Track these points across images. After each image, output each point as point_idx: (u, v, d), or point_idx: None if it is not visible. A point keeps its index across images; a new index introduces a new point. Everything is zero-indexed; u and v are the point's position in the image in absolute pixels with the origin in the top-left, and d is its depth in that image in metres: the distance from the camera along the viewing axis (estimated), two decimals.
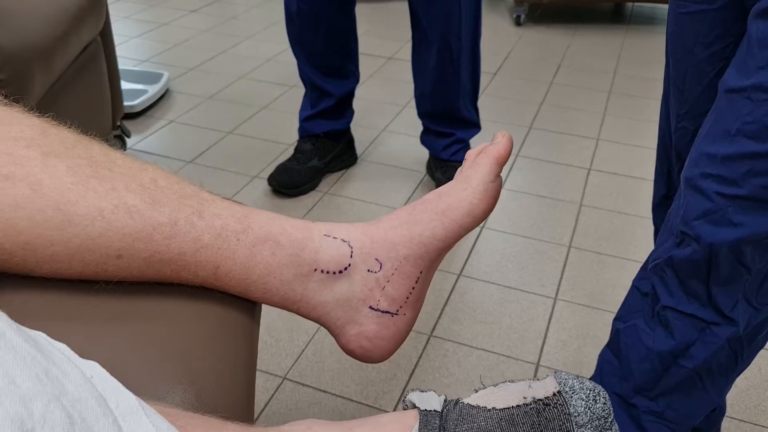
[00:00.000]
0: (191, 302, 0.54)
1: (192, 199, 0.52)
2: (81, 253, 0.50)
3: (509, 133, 0.59)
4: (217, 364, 0.52)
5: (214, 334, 0.53)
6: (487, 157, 0.57)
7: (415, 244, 0.55)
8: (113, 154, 0.52)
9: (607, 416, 0.44)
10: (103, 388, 0.35)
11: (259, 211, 0.55)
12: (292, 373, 1.17)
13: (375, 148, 1.90)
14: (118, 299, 0.52)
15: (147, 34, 2.66)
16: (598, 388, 0.45)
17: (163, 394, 0.48)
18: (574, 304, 1.35)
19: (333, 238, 0.54)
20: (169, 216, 0.50)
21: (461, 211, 0.56)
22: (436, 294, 1.36)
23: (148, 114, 2.03)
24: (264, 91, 2.21)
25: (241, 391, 0.53)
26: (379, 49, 2.55)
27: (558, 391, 0.45)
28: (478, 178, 0.57)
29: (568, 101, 2.23)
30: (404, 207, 0.57)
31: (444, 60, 1.54)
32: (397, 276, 0.56)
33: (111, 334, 0.50)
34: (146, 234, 0.50)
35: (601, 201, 1.70)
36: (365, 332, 0.58)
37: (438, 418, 0.45)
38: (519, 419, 0.44)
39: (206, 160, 1.81)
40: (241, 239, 0.52)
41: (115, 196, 0.49)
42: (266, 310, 1.29)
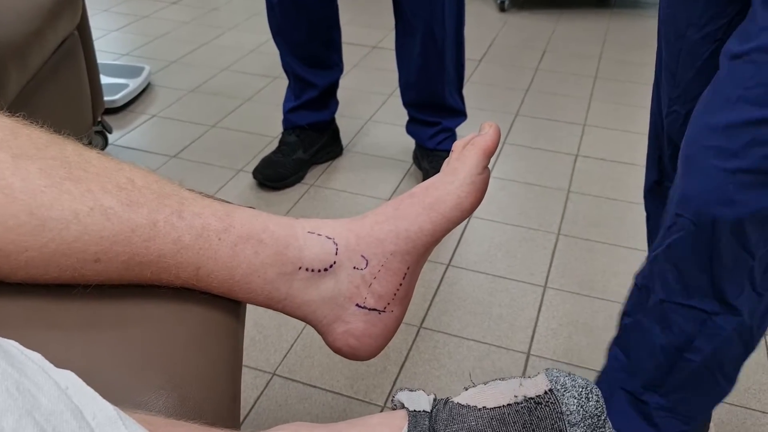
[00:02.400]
0: (173, 304, 0.53)
1: (171, 199, 0.50)
2: (57, 258, 0.48)
3: (496, 124, 0.57)
4: (201, 368, 0.51)
5: (197, 337, 0.52)
6: (474, 148, 0.56)
7: (402, 239, 0.54)
8: (88, 153, 0.51)
9: (600, 414, 0.43)
10: (79, 400, 0.34)
11: (242, 209, 0.53)
12: (281, 368, 1.16)
13: (360, 139, 1.88)
14: (96, 304, 0.51)
15: (127, 27, 2.62)
16: (590, 386, 0.44)
17: (144, 400, 0.46)
18: (564, 291, 1.35)
19: (317, 235, 0.53)
20: (147, 217, 0.49)
21: (449, 204, 0.55)
22: (425, 285, 1.35)
23: (130, 109, 2.00)
24: (247, 83, 2.18)
25: (226, 394, 0.52)
26: (362, 38, 2.53)
27: (550, 390, 0.44)
28: (465, 170, 0.55)
29: (554, 87, 2.22)
30: (390, 201, 0.56)
31: (428, 48, 1.52)
32: (384, 272, 0.55)
33: (90, 341, 0.49)
34: (124, 237, 0.49)
35: (589, 187, 1.69)
36: (352, 330, 0.57)
37: (427, 419, 0.44)
38: (510, 418, 0.43)
39: (190, 154, 1.78)
40: (223, 238, 0.51)
41: (91, 197, 0.48)
42: (253, 306, 1.27)
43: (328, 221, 0.55)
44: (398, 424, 0.44)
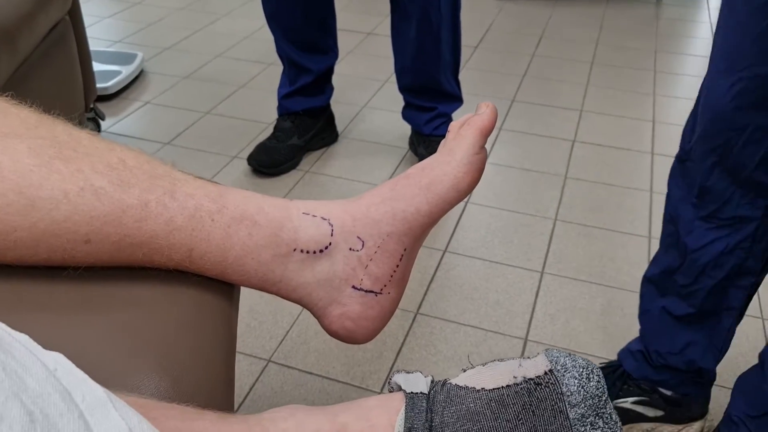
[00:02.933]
0: (165, 286, 0.52)
1: (163, 179, 0.49)
2: (46, 238, 0.47)
3: (493, 104, 0.56)
4: (194, 351, 0.50)
5: (189, 320, 0.51)
6: (471, 128, 0.55)
7: (399, 220, 0.53)
8: (78, 133, 0.49)
9: (601, 395, 0.42)
10: (67, 382, 0.33)
11: (235, 190, 0.52)
12: (277, 355, 1.15)
13: (356, 125, 1.87)
14: (87, 285, 0.50)
15: (120, 14, 2.59)
16: (591, 366, 0.43)
17: (136, 383, 0.45)
18: (561, 277, 1.34)
19: (312, 216, 0.52)
20: (138, 197, 0.48)
21: (446, 185, 0.53)
22: (422, 271, 1.35)
23: (123, 96, 1.98)
24: (242, 70, 2.16)
25: (219, 377, 0.51)
26: (358, 25, 2.51)
27: (549, 370, 0.43)
28: (462, 150, 0.54)
29: (551, 73, 2.20)
30: (386, 182, 0.55)
31: (424, 33, 1.51)
32: (380, 254, 0.54)
33: (80, 323, 0.48)
34: (115, 217, 0.47)
35: (586, 172, 1.68)
36: (348, 313, 0.56)
37: (425, 401, 0.44)
38: (509, 400, 0.42)
39: (184, 141, 1.77)
40: (216, 219, 0.49)
41: (81, 177, 0.46)
42: (248, 292, 1.27)
43: (323, 202, 0.54)
44: (395, 406, 0.44)
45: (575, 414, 0.42)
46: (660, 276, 0.96)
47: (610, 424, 0.43)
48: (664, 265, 0.95)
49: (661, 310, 0.95)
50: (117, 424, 0.33)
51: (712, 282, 0.88)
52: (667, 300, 0.95)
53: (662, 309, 0.95)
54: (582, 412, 0.42)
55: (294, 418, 0.43)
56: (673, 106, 2.03)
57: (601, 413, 0.42)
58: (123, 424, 0.33)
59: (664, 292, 0.95)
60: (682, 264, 0.91)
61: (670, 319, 0.95)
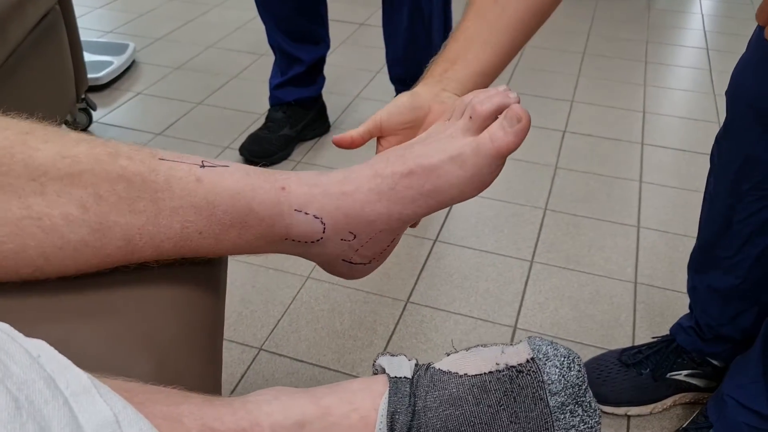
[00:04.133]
0: (150, 270, 0.52)
1: (143, 199, 0.47)
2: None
3: (527, 114, 0.48)
4: (179, 334, 0.50)
5: (174, 302, 0.51)
6: (491, 145, 0.49)
7: (394, 221, 0.52)
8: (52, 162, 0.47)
9: (581, 383, 0.43)
10: (51, 369, 0.33)
11: (223, 185, 0.49)
12: (268, 343, 1.16)
13: (348, 116, 1.87)
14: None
15: (111, 4, 2.58)
16: (572, 355, 0.44)
17: (121, 366, 0.46)
18: (551, 266, 1.35)
19: (305, 213, 0.50)
20: (122, 238, 0.47)
21: (449, 195, 0.51)
22: (413, 260, 1.35)
23: (115, 86, 1.98)
24: (234, 60, 2.16)
25: (205, 360, 0.52)
26: (350, 15, 2.50)
27: (531, 358, 0.43)
28: (476, 166, 0.49)
29: (542, 63, 2.21)
30: (387, 172, 0.51)
31: (415, 22, 1.51)
32: (371, 243, 0.54)
33: (63, 308, 0.48)
34: (101, 259, 0.48)
35: (576, 163, 1.69)
36: (340, 273, 0.58)
37: (408, 385, 0.44)
38: (491, 386, 0.43)
39: (176, 131, 1.77)
40: (204, 232, 0.48)
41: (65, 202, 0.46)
42: (240, 282, 1.27)
43: (316, 192, 0.50)
44: (379, 389, 0.44)
45: (555, 402, 0.42)
46: (699, 252, 0.99)
47: (589, 412, 0.43)
48: (703, 241, 0.98)
49: (707, 288, 0.98)
50: (102, 411, 0.33)
51: (756, 250, 0.90)
52: (710, 276, 0.97)
53: (708, 287, 0.98)
54: (562, 400, 0.42)
55: (278, 401, 0.43)
56: (664, 96, 2.04)
57: (581, 401, 0.43)
58: (108, 411, 0.33)
59: (707, 268, 0.98)
60: (723, 236, 0.93)
61: (717, 294, 0.97)
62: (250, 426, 0.41)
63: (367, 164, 0.52)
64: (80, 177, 0.46)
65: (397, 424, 0.42)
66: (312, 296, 1.26)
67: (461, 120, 0.52)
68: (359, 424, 0.42)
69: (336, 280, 1.29)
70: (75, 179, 0.45)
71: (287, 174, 0.51)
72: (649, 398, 1.05)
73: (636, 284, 1.31)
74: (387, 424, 0.42)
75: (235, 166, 0.50)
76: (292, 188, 0.50)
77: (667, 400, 1.06)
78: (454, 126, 0.52)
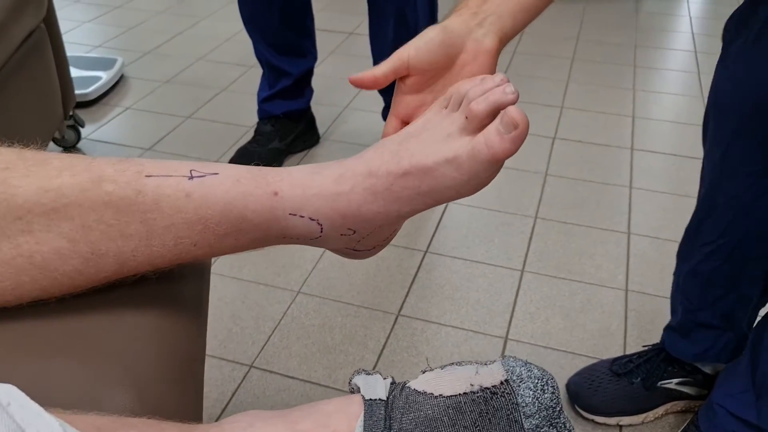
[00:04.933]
0: (129, 295, 0.51)
1: (135, 223, 0.46)
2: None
3: (526, 118, 0.46)
4: (159, 363, 0.50)
5: (154, 331, 0.51)
6: (486, 152, 0.47)
7: (393, 218, 0.50)
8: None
9: (555, 406, 0.43)
10: (21, 417, 0.32)
11: (213, 193, 0.48)
12: (259, 360, 1.15)
13: (337, 127, 1.87)
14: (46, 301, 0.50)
15: (99, 19, 2.58)
16: (546, 377, 0.44)
17: (100, 399, 0.45)
18: (542, 275, 1.35)
19: (300, 216, 0.49)
20: (114, 263, 0.47)
21: (446, 195, 0.49)
22: (403, 272, 1.35)
23: (103, 102, 1.98)
24: (223, 73, 2.16)
25: (186, 389, 0.52)
26: (338, 25, 2.51)
27: (506, 380, 0.43)
28: (472, 170, 0.48)
29: (532, 69, 2.21)
30: (381, 175, 0.49)
31: (401, 32, 1.51)
32: (372, 235, 0.53)
33: (39, 340, 0.47)
34: (98, 282, 0.48)
35: (566, 170, 1.69)
36: (344, 256, 0.57)
37: (383, 408, 0.44)
38: (466, 407, 0.43)
39: (165, 146, 1.77)
40: (198, 243, 0.48)
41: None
42: (230, 298, 1.27)
43: (310, 196, 0.49)
44: (354, 411, 0.44)
45: (530, 424, 0.42)
46: (685, 237, 0.99)
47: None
48: (690, 225, 0.98)
49: (690, 272, 0.98)
50: None
51: (740, 233, 0.90)
52: (694, 260, 0.97)
53: (690, 271, 0.98)
54: (536, 422, 0.42)
55: (253, 428, 0.42)
56: (653, 101, 2.04)
57: (555, 423, 0.43)
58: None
59: (691, 252, 0.98)
60: (707, 219, 0.93)
61: (699, 277, 0.97)
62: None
63: (361, 160, 0.50)
64: (66, 210, 0.45)
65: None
66: (302, 311, 1.26)
67: (458, 117, 0.50)
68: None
69: (326, 294, 1.29)
70: (60, 213, 0.45)
71: (280, 175, 0.49)
72: (640, 407, 1.05)
73: (627, 291, 1.31)
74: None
75: (224, 173, 0.48)
76: (285, 192, 0.48)
77: (659, 409, 1.06)
78: (450, 121, 0.50)
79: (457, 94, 0.51)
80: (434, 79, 0.56)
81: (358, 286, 1.31)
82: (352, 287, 1.31)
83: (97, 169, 0.46)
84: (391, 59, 0.55)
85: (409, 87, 0.56)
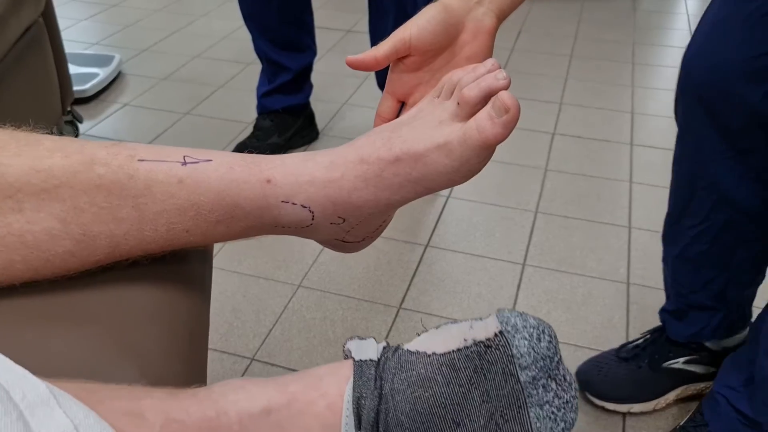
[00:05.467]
0: (131, 271, 0.50)
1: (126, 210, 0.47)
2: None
3: (516, 103, 0.45)
4: (162, 338, 0.49)
5: (157, 305, 0.50)
6: (478, 136, 0.46)
7: (383, 206, 0.50)
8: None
9: (553, 356, 0.41)
10: (5, 380, 0.32)
11: (207, 182, 0.48)
12: (261, 353, 1.15)
13: (336, 123, 1.87)
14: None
15: (96, 16, 2.57)
16: (543, 326, 0.42)
17: (103, 373, 0.44)
18: (543, 268, 1.35)
19: (292, 204, 0.49)
20: (108, 244, 0.47)
21: (438, 182, 0.49)
22: (404, 266, 1.35)
23: (101, 98, 1.97)
24: (220, 70, 2.15)
25: (189, 363, 0.51)
26: (336, 22, 2.50)
27: (500, 332, 0.41)
28: (463, 156, 0.47)
29: (530, 66, 2.21)
30: (372, 161, 0.48)
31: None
32: (362, 225, 0.52)
33: (41, 314, 0.47)
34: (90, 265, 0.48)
35: (566, 165, 1.69)
36: (333, 248, 0.57)
37: (374, 368, 0.42)
38: (460, 363, 0.41)
39: (163, 142, 1.76)
40: (191, 231, 0.48)
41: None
42: (231, 292, 1.26)
43: (303, 183, 0.49)
44: (345, 374, 0.43)
45: (526, 377, 0.40)
46: (668, 222, 0.99)
47: (564, 386, 0.41)
48: (671, 210, 0.98)
49: (678, 257, 0.98)
50: (61, 422, 0.32)
51: (723, 217, 0.90)
52: (680, 245, 0.97)
53: (678, 255, 0.98)
54: (533, 374, 0.41)
55: (244, 390, 0.42)
56: (651, 97, 2.04)
57: (554, 375, 0.41)
58: (67, 422, 0.32)
59: (677, 237, 0.98)
60: (689, 205, 0.92)
61: (688, 261, 0.97)
62: (216, 415, 0.40)
63: (352, 147, 0.50)
64: (56, 191, 0.45)
65: (364, 409, 0.41)
66: (303, 305, 1.25)
67: (449, 104, 0.50)
68: (326, 412, 0.41)
69: (327, 287, 1.29)
70: (51, 194, 0.45)
71: (272, 163, 0.49)
72: (650, 393, 1.05)
73: (629, 285, 1.31)
74: (353, 410, 0.41)
75: (218, 160, 0.48)
76: (278, 179, 0.48)
77: (670, 395, 1.05)
78: (442, 108, 0.50)
79: (450, 83, 0.51)
80: (433, 58, 0.56)
81: (359, 280, 1.31)
82: (353, 281, 1.31)
83: (89, 151, 0.46)
84: (392, 39, 0.54)
85: (407, 66, 0.56)
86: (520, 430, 0.40)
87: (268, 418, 0.41)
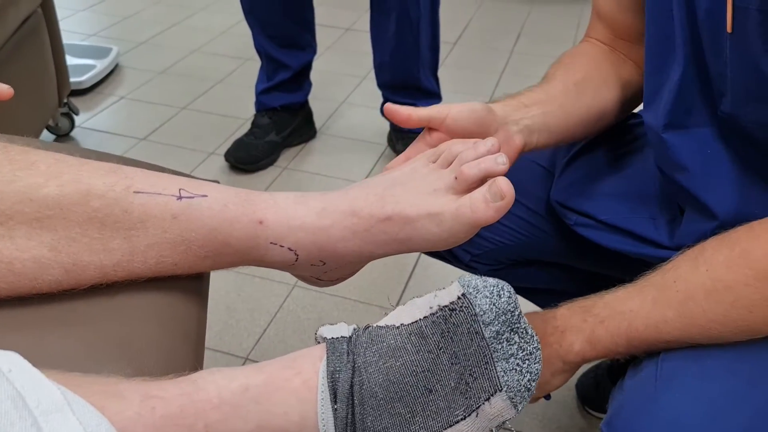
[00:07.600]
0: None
1: (118, 238, 0.47)
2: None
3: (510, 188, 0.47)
4: (160, 342, 0.50)
5: (155, 308, 0.51)
6: (470, 215, 0.48)
7: (365, 257, 0.53)
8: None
9: (513, 310, 0.43)
10: (21, 384, 0.32)
11: (199, 215, 0.48)
12: (254, 353, 1.14)
13: (335, 121, 1.86)
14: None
15: (95, 7, 2.55)
16: (501, 284, 0.44)
17: (99, 371, 0.44)
18: None
19: (280, 246, 0.51)
20: (96, 273, 0.47)
21: (421, 246, 0.51)
22: (400, 269, 1.34)
23: (98, 90, 1.95)
24: (219, 65, 2.14)
25: (187, 361, 0.51)
26: (336, 20, 2.49)
27: (462, 294, 0.43)
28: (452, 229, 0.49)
29: (529, 70, 2.21)
30: (363, 216, 0.50)
31: (403, 28, 1.50)
32: (339, 269, 0.55)
33: (38, 316, 0.47)
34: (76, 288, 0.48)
35: None
36: (305, 280, 0.59)
37: (345, 344, 0.44)
38: (428, 330, 0.43)
39: (160, 137, 1.75)
40: (179, 263, 0.49)
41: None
42: (225, 291, 1.26)
43: (294, 227, 0.50)
44: (318, 354, 0.44)
45: (490, 332, 0.42)
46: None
47: (526, 338, 0.43)
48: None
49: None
50: (74, 430, 0.32)
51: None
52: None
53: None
54: (496, 329, 0.42)
55: (221, 372, 0.43)
56: None
57: (516, 328, 0.43)
58: (80, 430, 0.32)
59: None
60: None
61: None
62: (195, 390, 0.41)
63: (346, 197, 0.51)
64: (50, 221, 0.45)
65: (339, 383, 0.42)
66: (298, 305, 1.24)
67: (446, 174, 0.51)
68: (302, 388, 0.43)
69: (322, 288, 1.28)
70: (44, 223, 0.45)
71: (266, 202, 0.50)
72: None
73: None
74: (329, 384, 0.42)
75: (213, 196, 0.49)
76: (270, 221, 0.50)
77: None
78: (438, 176, 0.52)
79: (449, 153, 0.53)
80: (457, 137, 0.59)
81: (354, 281, 1.29)
82: (349, 282, 1.29)
83: (86, 181, 0.46)
84: (433, 109, 0.58)
85: (433, 139, 0.58)
86: (488, 386, 0.42)
87: (246, 394, 0.42)
